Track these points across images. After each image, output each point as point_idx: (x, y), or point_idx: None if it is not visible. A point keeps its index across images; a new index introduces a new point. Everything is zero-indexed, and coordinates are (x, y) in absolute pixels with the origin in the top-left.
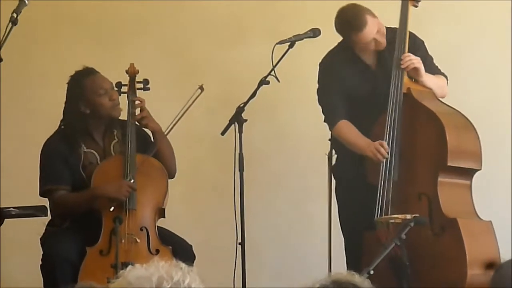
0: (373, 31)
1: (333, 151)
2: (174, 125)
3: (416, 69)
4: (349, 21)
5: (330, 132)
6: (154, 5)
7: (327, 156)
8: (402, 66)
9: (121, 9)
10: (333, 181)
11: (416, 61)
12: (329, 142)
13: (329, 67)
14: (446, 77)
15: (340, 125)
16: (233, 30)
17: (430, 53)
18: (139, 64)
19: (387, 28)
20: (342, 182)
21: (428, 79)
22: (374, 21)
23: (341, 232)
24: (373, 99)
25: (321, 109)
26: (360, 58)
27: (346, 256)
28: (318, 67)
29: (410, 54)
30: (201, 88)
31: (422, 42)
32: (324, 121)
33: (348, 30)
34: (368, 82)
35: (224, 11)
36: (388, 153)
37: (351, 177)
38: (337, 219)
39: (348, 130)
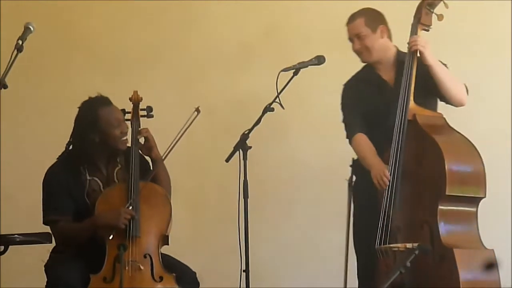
0: (353, 30)
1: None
2: (173, 147)
3: (420, 52)
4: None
5: (344, 159)
6: (162, 33)
7: (347, 182)
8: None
9: (129, 37)
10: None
11: (421, 43)
12: (350, 168)
13: (349, 86)
14: (466, 87)
15: (357, 138)
16: (240, 58)
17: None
18: (147, 91)
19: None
20: (359, 204)
21: (434, 62)
22: (360, 23)
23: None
24: (389, 115)
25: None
26: (379, 76)
27: (359, 281)
28: (325, 98)
29: (416, 36)
30: (198, 110)
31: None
32: (346, 137)
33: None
34: (385, 99)
35: (232, 39)
36: (389, 182)
37: (367, 200)
38: (350, 247)
39: (363, 143)
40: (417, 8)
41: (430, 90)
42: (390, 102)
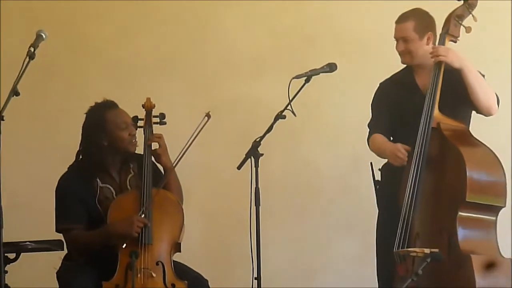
0: (401, 32)
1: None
2: (184, 153)
3: (442, 63)
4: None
5: (356, 166)
6: (175, 41)
7: (373, 184)
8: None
9: (142, 45)
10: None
11: (441, 53)
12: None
13: (382, 86)
14: (497, 97)
15: (374, 137)
16: (252, 66)
17: None
18: (160, 99)
19: None
20: (380, 206)
21: (465, 66)
22: (409, 27)
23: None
24: (415, 120)
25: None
26: (413, 80)
27: (378, 282)
28: (336, 105)
29: (436, 47)
30: (208, 115)
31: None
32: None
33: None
34: (416, 105)
35: (244, 47)
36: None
37: (388, 201)
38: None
39: (379, 139)
40: (446, 19)
41: (459, 97)
42: (418, 108)
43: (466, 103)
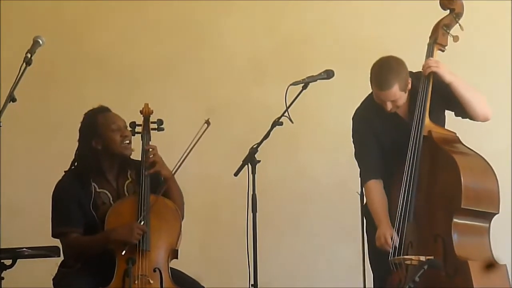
0: (390, 98)
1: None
2: (184, 160)
3: (434, 73)
4: (377, 76)
5: (353, 173)
6: (175, 47)
7: (359, 195)
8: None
9: (141, 51)
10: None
11: (432, 64)
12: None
13: (363, 120)
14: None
15: (369, 186)
16: (252, 72)
17: None
18: (159, 105)
19: (415, 72)
20: (371, 220)
21: (453, 79)
22: (396, 90)
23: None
24: (406, 150)
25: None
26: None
27: None
28: (335, 112)
29: (428, 60)
30: (208, 122)
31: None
32: (359, 176)
33: (372, 81)
34: (401, 134)
35: (244, 53)
36: (394, 246)
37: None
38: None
39: (376, 194)
40: (433, 28)
41: (453, 108)
42: (407, 139)
43: (461, 113)
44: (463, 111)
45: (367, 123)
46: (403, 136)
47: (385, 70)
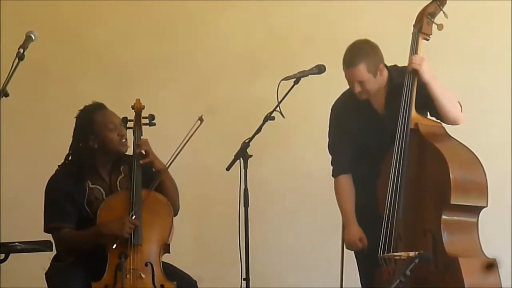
0: (355, 77)
1: None
2: (176, 156)
3: (416, 71)
4: (345, 54)
5: None
6: (169, 43)
7: None
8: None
9: (136, 47)
10: None
11: (417, 62)
12: None
13: (339, 115)
14: (460, 104)
15: (339, 181)
16: (247, 68)
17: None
18: (154, 100)
19: (399, 67)
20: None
21: (430, 79)
22: (362, 70)
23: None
24: (381, 145)
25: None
26: (369, 103)
27: None
28: (330, 108)
29: (413, 56)
30: (201, 119)
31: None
32: (331, 172)
33: (342, 62)
34: (376, 129)
35: (238, 50)
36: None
37: (364, 211)
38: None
39: (344, 190)
40: (417, 17)
41: (429, 108)
42: (382, 134)
43: (434, 114)
44: (436, 112)
45: (344, 120)
46: (380, 131)
47: (353, 49)
